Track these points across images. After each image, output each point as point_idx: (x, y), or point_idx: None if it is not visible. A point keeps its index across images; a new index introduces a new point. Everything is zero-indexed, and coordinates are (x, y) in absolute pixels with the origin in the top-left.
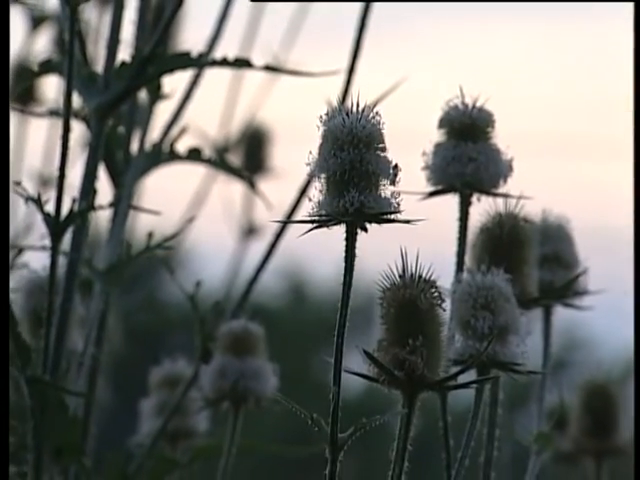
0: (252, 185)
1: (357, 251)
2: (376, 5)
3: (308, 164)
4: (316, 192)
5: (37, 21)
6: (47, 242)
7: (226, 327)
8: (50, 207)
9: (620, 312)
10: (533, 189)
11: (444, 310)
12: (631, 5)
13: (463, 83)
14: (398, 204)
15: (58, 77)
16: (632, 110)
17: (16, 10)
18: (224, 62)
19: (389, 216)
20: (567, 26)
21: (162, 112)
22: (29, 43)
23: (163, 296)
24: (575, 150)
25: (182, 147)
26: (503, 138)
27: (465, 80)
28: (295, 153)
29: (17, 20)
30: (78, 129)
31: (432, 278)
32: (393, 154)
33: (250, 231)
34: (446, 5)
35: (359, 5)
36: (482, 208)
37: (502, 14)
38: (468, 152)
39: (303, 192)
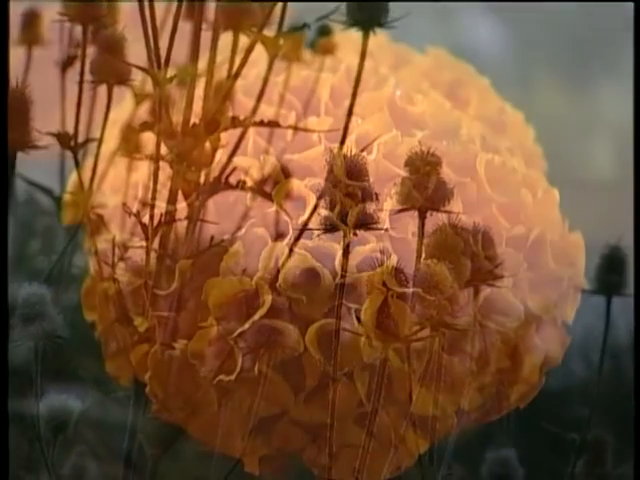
0: (280, 205)
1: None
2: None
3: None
4: (323, 209)
5: (139, 98)
6: (143, 243)
7: None
8: (146, 219)
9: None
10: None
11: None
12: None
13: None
14: (378, 217)
15: (152, 134)
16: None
17: (124, 90)
18: (261, 123)
19: (372, 225)
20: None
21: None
22: (134, 112)
23: None
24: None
25: (233, 180)
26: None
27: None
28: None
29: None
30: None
31: (400, 267)
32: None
33: (278, 236)
34: None
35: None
36: (433, 221)
37: None
38: (424, 183)
39: (314, 209)
